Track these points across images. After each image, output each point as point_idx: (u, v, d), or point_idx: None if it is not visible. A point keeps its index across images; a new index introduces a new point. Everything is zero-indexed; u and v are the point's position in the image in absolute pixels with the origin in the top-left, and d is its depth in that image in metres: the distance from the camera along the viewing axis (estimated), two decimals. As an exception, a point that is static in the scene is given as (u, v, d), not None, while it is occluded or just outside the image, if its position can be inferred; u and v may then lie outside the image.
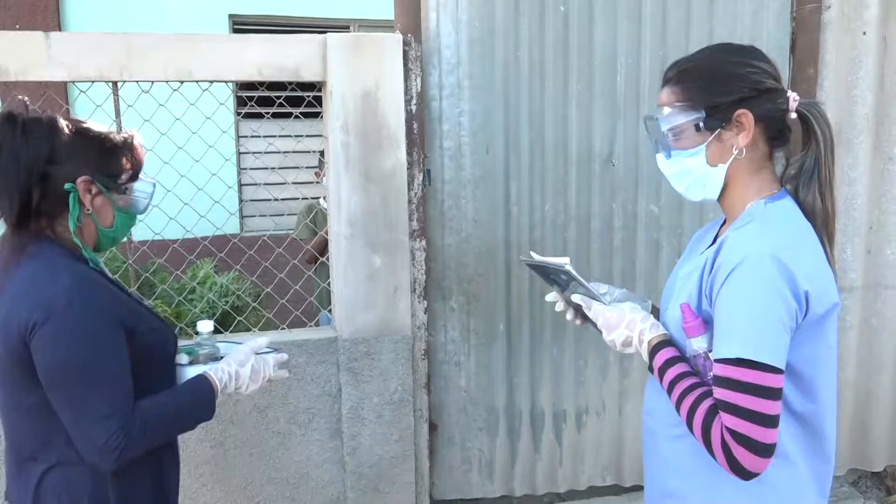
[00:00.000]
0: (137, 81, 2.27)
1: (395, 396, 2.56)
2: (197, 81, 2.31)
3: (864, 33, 2.72)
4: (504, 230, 2.68)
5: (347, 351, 2.49)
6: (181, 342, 1.57)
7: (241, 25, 4.98)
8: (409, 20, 2.50)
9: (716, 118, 1.26)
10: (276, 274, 2.68)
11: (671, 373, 1.27)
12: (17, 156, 1.31)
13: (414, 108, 2.50)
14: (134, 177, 1.45)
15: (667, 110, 1.30)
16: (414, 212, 2.54)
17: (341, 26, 5.11)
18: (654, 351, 1.31)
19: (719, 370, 1.16)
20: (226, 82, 2.37)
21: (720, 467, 1.17)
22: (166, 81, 2.29)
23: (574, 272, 1.41)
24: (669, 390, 1.27)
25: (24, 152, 1.31)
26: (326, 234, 2.55)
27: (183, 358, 1.54)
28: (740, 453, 1.13)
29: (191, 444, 2.42)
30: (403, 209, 2.49)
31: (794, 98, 1.25)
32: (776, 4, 2.66)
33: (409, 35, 2.48)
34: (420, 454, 2.67)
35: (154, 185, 1.51)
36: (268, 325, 2.72)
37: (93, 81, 2.25)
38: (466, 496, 2.85)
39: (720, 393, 1.16)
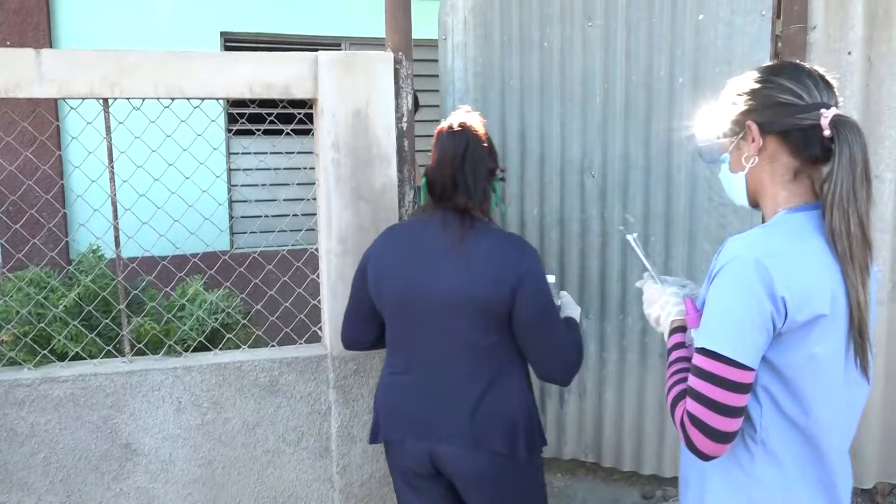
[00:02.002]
0: (128, 98, 2.27)
1: (385, 414, 2.55)
2: (188, 98, 2.32)
3: (850, 53, 2.76)
4: (500, 226, 3.02)
5: (337, 368, 2.48)
6: None
7: (233, 43, 4.99)
8: (401, 39, 2.52)
9: (733, 128, 1.38)
10: (267, 291, 2.67)
11: (673, 355, 1.40)
12: (482, 157, 1.79)
13: (405, 125, 2.52)
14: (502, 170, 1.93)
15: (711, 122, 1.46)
16: (404, 229, 2.55)
17: (332, 44, 5.13)
18: (671, 333, 1.46)
19: (694, 358, 1.27)
20: (217, 99, 2.38)
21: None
22: (157, 98, 2.29)
23: (633, 243, 1.65)
24: (668, 369, 1.40)
25: (484, 153, 1.79)
26: None
27: None
28: (694, 434, 1.23)
29: (178, 464, 2.39)
30: (394, 226, 2.50)
31: (825, 115, 1.25)
32: (753, 28, 2.73)
33: (400, 53, 2.50)
34: (410, 472, 2.66)
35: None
36: (258, 342, 2.71)
37: (83, 98, 2.25)
38: None
39: (690, 379, 1.27)
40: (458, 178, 1.76)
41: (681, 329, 1.44)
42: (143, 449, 2.37)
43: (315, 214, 2.57)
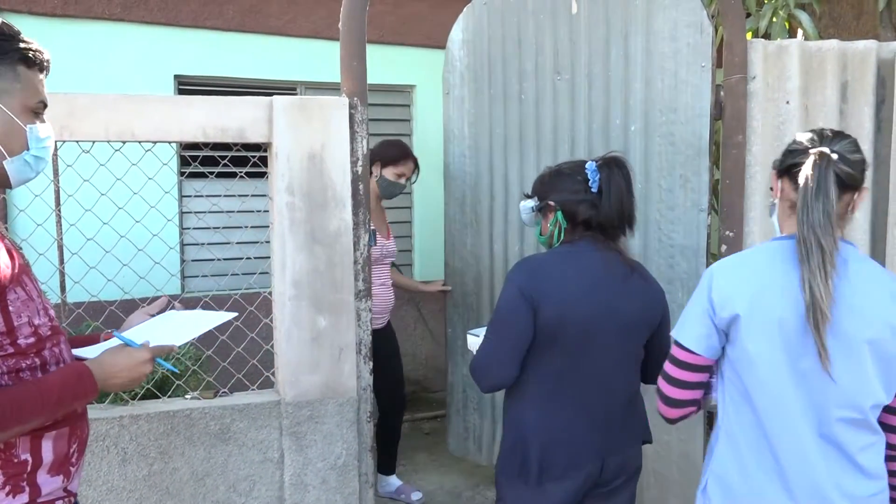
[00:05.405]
0: (78, 141, 2.23)
1: (339, 461, 2.50)
2: (140, 142, 2.29)
3: (788, 102, 2.88)
4: (489, 261, 3.41)
5: (291, 415, 2.43)
6: None
7: (187, 86, 4.97)
8: (355, 84, 2.55)
9: (776, 181, 1.62)
10: (218, 336, 2.62)
11: None
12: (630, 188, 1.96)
13: (360, 169, 2.53)
14: None
15: None
16: (360, 272, 2.54)
17: (288, 88, 5.15)
18: None
19: None
20: (169, 143, 2.36)
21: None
22: (108, 141, 2.26)
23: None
24: None
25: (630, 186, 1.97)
26: None
27: None
28: (657, 400, 1.64)
29: (123, 517, 2.30)
30: (349, 270, 2.49)
31: (812, 151, 1.46)
32: (695, 79, 2.84)
33: (356, 98, 2.52)
34: (365, 521, 2.61)
35: None
36: (208, 388, 2.65)
37: (31, 141, 2.20)
38: (465, 457, 3.59)
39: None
40: (627, 213, 1.93)
41: None
42: (85, 503, 2.27)
43: (269, 258, 2.54)
